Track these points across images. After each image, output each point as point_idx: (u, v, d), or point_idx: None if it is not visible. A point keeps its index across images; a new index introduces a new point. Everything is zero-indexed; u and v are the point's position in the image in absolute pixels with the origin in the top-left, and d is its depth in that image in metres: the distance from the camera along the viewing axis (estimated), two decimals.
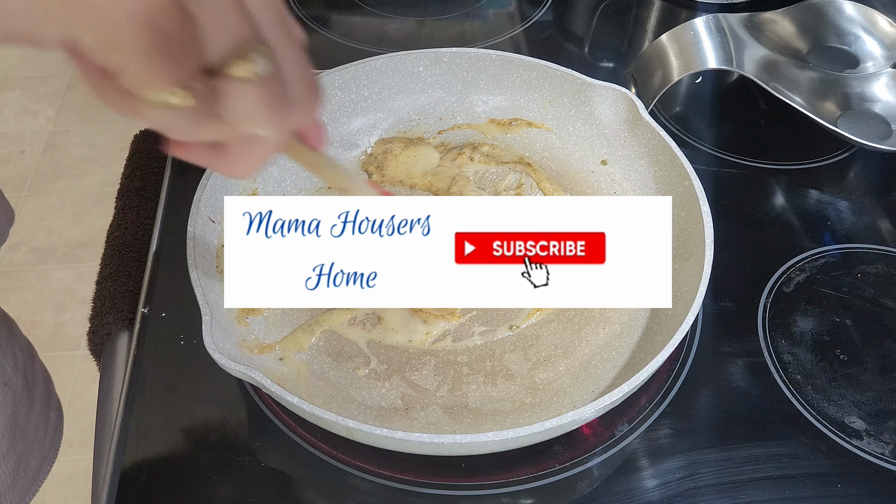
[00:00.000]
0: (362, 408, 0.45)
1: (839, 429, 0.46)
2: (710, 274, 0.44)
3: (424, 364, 0.48)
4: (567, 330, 0.49)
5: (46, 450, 0.58)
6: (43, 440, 0.57)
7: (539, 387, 0.46)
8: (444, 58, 0.59)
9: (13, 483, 0.53)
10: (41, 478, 0.57)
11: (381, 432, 0.37)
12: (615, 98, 0.55)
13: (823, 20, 0.71)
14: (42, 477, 0.57)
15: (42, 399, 0.58)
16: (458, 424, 0.45)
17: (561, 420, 0.38)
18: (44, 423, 0.58)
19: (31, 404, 0.56)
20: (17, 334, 0.58)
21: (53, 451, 0.59)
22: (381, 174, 0.58)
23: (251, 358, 0.45)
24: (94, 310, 0.55)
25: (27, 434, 0.55)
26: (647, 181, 0.55)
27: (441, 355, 0.48)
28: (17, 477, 0.54)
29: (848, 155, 0.64)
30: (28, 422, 0.55)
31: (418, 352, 0.48)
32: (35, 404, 0.57)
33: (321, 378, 0.47)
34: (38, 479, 0.56)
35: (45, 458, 0.57)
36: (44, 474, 0.57)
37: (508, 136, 0.60)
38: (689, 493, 0.43)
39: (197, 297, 0.42)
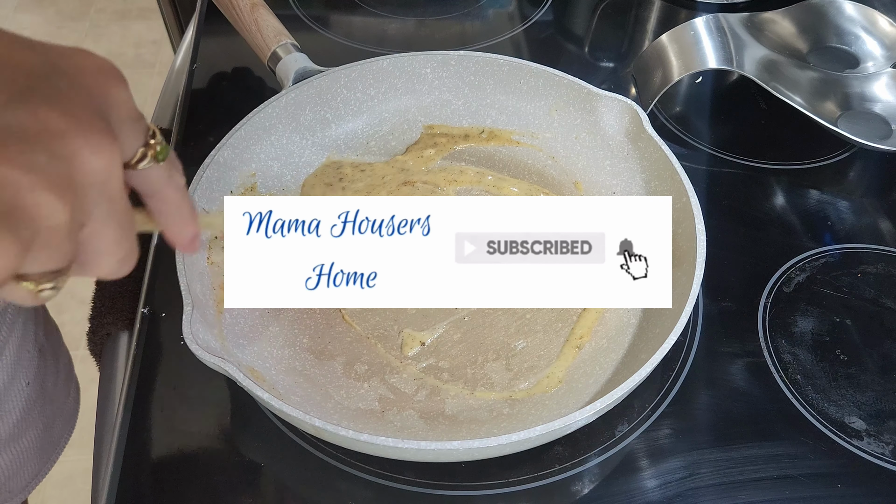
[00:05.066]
0: (339, 407, 0.45)
1: (839, 429, 0.46)
2: (698, 291, 0.43)
3: (405, 368, 0.48)
4: (553, 342, 0.49)
5: (67, 419, 0.60)
6: (64, 408, 0.59)
7: (518, 398, 0.46)
8: (452, 60, 0.59)
9: (40, 447, 0.55)
10: (62, 446, 0.59)
11: (347, 433, 0.37)
12: (620, 109, 0.55)
13: (823, 20, 0.71)
14: (63, 445, 0.59)
15: (65, 371, 0.60)
16: (432, 430, 0.44)
17: (528, 433, 0.37)
18: (66, 393, 0.59)
19: (58, 374, 0.58)
20: (46, 309, 0.60)
21: (72, 421, 0.61)
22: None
23: (232, 352, 0.45)
24: (93, 310, 0.55)
25: (54, 401, 0.57)
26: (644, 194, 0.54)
27: (422, 360, 0.48)
28: (43, 441, 0.55)
29: (848, 155, 0.64)
30: (55, 390, 0.57)
31: (400, 355, 0.48)
32: (60, 374, 0.58)
33: (301, 375, 0.47)
34: (59, 447, 0.58)
35: (65, 427, 0.59)
36: (64, 442, 0.59)
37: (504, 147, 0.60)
38: (689, 493, 0.43)
39: (181, 287, 0.42)
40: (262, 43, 0.59)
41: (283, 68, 0.57)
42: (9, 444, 0.51)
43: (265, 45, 0.59)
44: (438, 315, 0.51)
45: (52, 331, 0.59)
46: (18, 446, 0.52)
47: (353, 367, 0.48)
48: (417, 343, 0.49)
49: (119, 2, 2.25)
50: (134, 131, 0.28)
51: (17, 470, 0.53)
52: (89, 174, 0.25)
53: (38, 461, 0.55)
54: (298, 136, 0.56)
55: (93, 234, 0.27)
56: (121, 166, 0.26)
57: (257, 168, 0.53)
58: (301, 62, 0.57)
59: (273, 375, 0.46)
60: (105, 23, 2.18)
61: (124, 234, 0.28)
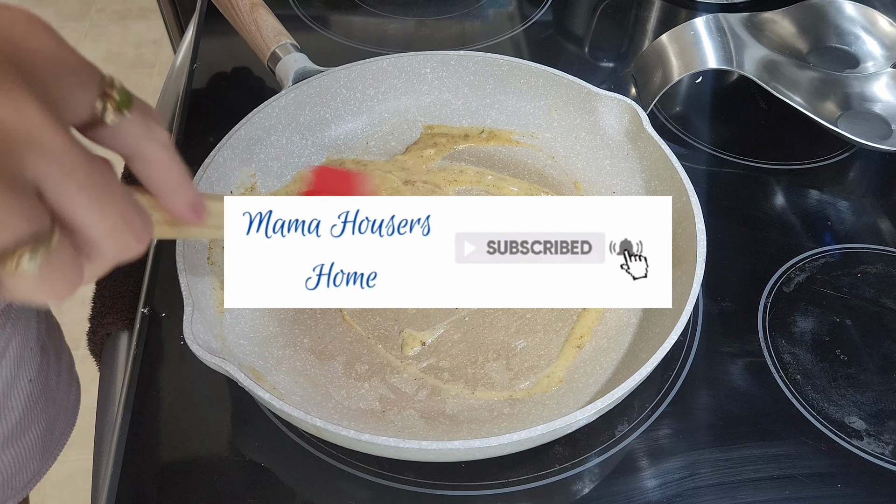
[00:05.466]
0: (340, 407, 0.45)
1: (839, 429, 0.46)
2: (698, 291, 0.43)
3: (406, 368, 0.48)
4: (553, 342, 0.49)
5: (69, 416, 0.60)
6: (66, 406, 0.59)
7: (519, 398, 0.46)
8: (452, 60, 0.59)
9: (42, 444, 0.55)
10: (62, 443, 0.59)
11: (348, 433, 0.37)
12: (620, 109, 0.55)
13: (823, 20, 0.71)
14: (63, 442, 0.59)
15: (67, 369, 0.60)
16: (433, 430, 0.44)
17: (530, 433, 0.37)
18: (67, 391, 0.60)
19: (60, 372, 0.58)
20: (49, 308, 0.60)
21: (73, 418, 0.61)
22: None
23: (233, 352, 0.45)
24: (93, 310, 0.55)
25: (57, 398, 0.57)
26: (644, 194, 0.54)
27: (423, 360, 0.48)
28: (46, 439, 0.55)
29: (848, 155, 0.64)
30: (57, 388, 0.57)
31: (401, 355, 0.48)
32: (62, 373, 0.59)
33: (302, 375, 0.47)
34: (60, 444, 0.58)
35: (67, 424, 0.59)
36: (65, 439, 0.59)
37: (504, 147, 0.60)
38: (689, 493, 0.43)
39: (181, 287, 0.42)
40: (261, 43, 0.59)
41: (282, 68, 0.57)
42: (12, 442, 0.51)
43: (265, 45, 0.59)
44: (439, 315, 0.51)
45: (54, 329, 0.60)
46: (21, 443, 0.53)
47: (353, 367, 0.48)
48: (418, 343, 0.49)
49: (119, 2, 2.25)
50: (77, 83, 0.26)
51: (20, 467, 0.53)
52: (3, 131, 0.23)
53: (40, 458, 0.55)
54: (298, 136, 0.56)
55: (62, 203, 0.24)
56: (50, 118, 0.24)
57: (257, 168, 0.53)
58: (301, 62, 0.57)
59: (273, 376, 0.46)
60: (105, 23, 2.18)
61: (102, 199, 0.25)
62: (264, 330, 0.48)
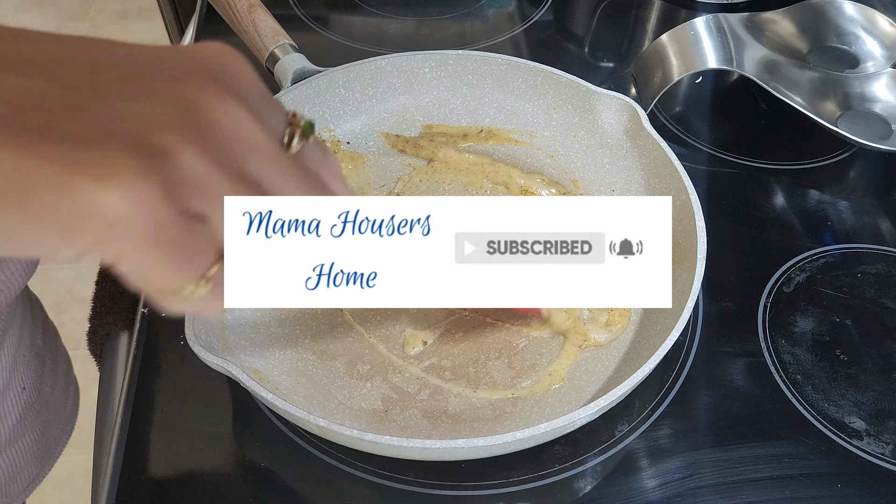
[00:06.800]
0: (342, 407, 0.45)
1: (839, 429, 0.46)
2: (698, 290, 0.43)
3: (407, 367, 0.48)
4: (554, 341, 0.49)
5: (65, 423, 0.60)
6: (62, 413, 0.59)
7: (520, 396, 0.46)
8: (450, 60, 0.59)
9: (38, 451, 0.55)
10: (59, 450, 0.59)
11: (351, 433, 0.37)
12: (619, 107, 0.55)
13: (823, 20, 0.71)
14: (60, 449, 0.59)
15: (64, 374, 0.60)
16: (435, 429, 0.44)
17: (533, 431, 0.38)
18: (64, 396, 0.59)
19: (56, 378, 0.58)
20: (45, 312, 0.60)
21: (70, 425, 0.61)
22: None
23: (234, 353, 0.45)
24: (93, 310, 0.55)
25: (51, 405, 0.57)
26: (644, 192, 0.54)
27: (425, 359, 0.48)
28: (41, 445, 0.55)
29: (848, 155, 0.64)
30: (52, 394, 0.57)
31: (402, 354, 0.48)
32: (59, 378, 0.58)
33: (303, 375, 0.47)
34: (56, 451, 0.58)
35: (63, 430, 0.59)
36: (62, 447, 0.59)
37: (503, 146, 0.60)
38: (689, 493, 0.43)
39: None
40: (259, 44, 0.59)
41: (281, 69, 0.57)
42: (6, 449, 0.51)
43: (263, 45, 0.59)
44: (440, 314, 0.51)
45: (50, 334, 0.59)
46: (15, 450, 0.52)
47: (355, 366, 0.48)
48: (419, 342, 0.49)
49: (119, 2, 2.25)
50: (271, 109, 0.28)
51: (14, 474, 0.53)
52: (224, 130, 0.25)
53: (35, 465, 0.55)
54: None
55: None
56: (260, 129, 0.26)
57: None
58: (299, 62, 0.57)
59: (275, 376, 0.46)
60: (105, 23, 2.18)
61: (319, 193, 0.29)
62: (265, 330, 0.48)
